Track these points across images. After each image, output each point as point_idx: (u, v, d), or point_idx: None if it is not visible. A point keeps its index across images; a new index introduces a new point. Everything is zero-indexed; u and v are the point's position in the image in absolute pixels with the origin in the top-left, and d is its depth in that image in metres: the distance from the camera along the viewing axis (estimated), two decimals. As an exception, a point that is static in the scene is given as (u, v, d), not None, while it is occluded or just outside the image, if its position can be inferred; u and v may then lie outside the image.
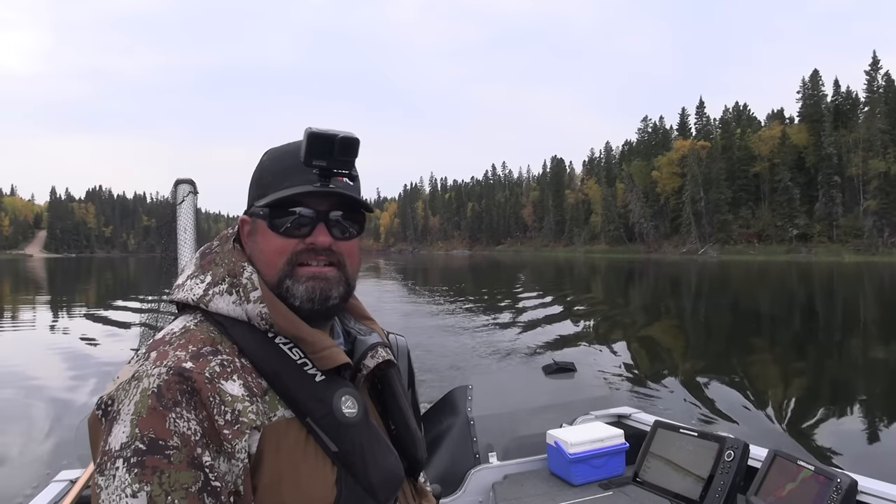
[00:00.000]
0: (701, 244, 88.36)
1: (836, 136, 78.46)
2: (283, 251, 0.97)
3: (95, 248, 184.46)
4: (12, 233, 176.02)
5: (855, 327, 17.98)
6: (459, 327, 16.09)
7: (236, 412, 0.86)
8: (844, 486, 1.81)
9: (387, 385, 1.10)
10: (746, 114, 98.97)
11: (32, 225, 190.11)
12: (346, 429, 0.94)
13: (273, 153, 1.04)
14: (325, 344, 0.97)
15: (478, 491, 3.03)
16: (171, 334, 0.95)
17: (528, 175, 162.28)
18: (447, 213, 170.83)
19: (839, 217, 75.87)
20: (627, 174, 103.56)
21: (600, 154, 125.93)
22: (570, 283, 39.04)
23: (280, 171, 1.00)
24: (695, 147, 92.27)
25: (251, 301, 0.96)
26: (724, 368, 11.26)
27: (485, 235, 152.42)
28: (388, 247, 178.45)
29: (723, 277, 46.47)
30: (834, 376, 11.05)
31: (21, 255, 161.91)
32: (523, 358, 11.43)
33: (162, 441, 0.81)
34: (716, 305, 25.78)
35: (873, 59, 79.79)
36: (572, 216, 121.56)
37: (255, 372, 0.93)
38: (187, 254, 2.45)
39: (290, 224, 0.97)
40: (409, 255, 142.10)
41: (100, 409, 0.89)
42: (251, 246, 1.02)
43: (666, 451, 2.32)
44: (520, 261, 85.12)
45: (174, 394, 0.84)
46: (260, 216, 1.00)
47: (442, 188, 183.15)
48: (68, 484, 2.53)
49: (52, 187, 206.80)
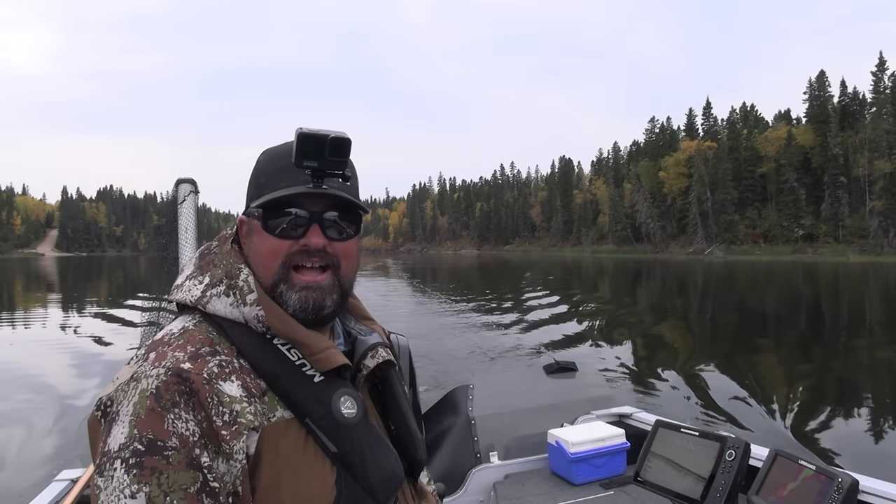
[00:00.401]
0: (707, 244, 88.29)
1: (843, 137, 78.19)
2: (277, 253, 0.96)
3: (106, 247, 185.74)
4: (24, 232, 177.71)
5: (857, 327, 17.88)
6: (461, 326, 16.08)
7: (234, 413, 0.86)
8: (846, 485, 1.80)
9: (387, 385, 1.09)
10: (754, 114, 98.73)
11: (44, 224, 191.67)
12: (346, 429, 0.94)
13: (268, 153, 1.03)
14: (323, 346, 0.96)
15: (479, 490, 3.02)
16: (170, 335, 0.94)
17: (536, 175, 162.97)
18: (456, 213, 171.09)
19: (845, 217, 75.75)
20: (635, 174, 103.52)
21: (608, 154, 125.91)
22: (574, 282, 38.92)
23: (274, 172, 0.99)
24: (701, 148, 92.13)
25: (248, 304, 0.95)
26: (725, 368, 11.21)
27: (493, 235, 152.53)
28: (396, 246, 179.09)
29: (727, 277, 46.25)
30: (835, 376, 10.97)
31: (33, 254, 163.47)
32: (524, 357, 11.42)
33: (160, 442, 0.81)
34: (719, 306, 25.63)
35: (880, 59, 79.37)
36: (580, 216, 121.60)
37: (254, 373, 0.93)
38: (188, 253, 2.44)
39: (286, 225, 0.96)
40: (418, 255, 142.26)
41: (99, 409, 0.89)
42: (248, 247, 1.02)
43: (667, 450, 2.30)
44: (527, 261, 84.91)
45: (172, 395, 0.84)
46: (255, 217, 0.99)
47: (451, 188, 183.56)
48: (69, 483, 2.52)
49: (63, 187, 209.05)
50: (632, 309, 23.06)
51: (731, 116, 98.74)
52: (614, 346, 13.36)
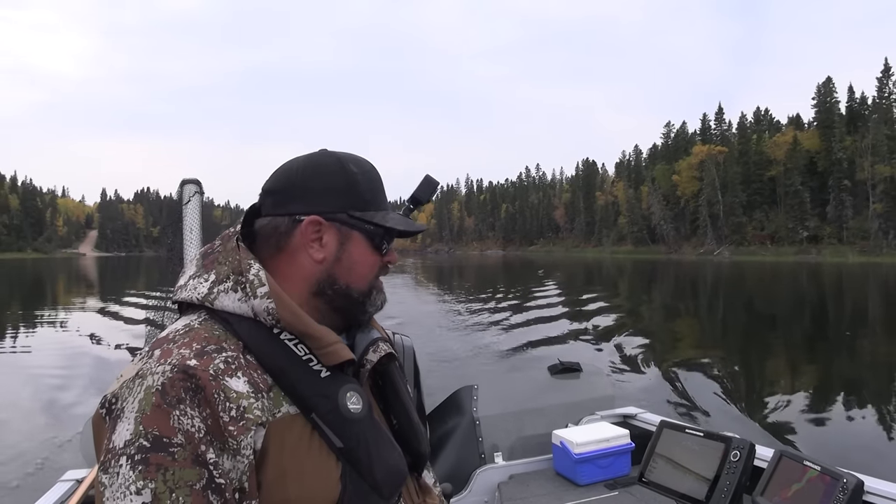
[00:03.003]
0: (717, 245, 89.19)
1: (849, 141, 78.86)
2: (375, 265, 1.04)
3: (144, 248, 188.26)
4: (66, 233, 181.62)
5: (863, 327, 17.71)
6: (467, 326, 16.09)
7: (241, 408, 0.85)
8: (850, 486, 1.73)
9: (388, 380, 1.09)
10: (768, 119, 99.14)
11: (83, 225, 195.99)
12: (351, 424, 0.92)
13: (360, 166, 1.04)
14: (331, 339, 0.95)
15: (483, 491, 2.97)
16: (175, 332, 0.92)
17: (561, 177, 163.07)
18: (482, 215, 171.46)
19: (849, 220, 76.70)
20: (650, 177, 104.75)
21: (630, 156, 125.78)
22: (587, 282, 38.91)
23: (375, 191, 1.05)
24: (712, 152, 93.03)
25: (258, 297, 0.93)
26: (730, 369, 11.15)
27: (518, 236, 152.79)
28: (424, 247, 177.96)
29: (733, 277, 46.34)
30: (842, 376, 10.81)
31: (75, 254, 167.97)
32: (529, 358, 11.37)
33: (166, 438, 0.80)
34: (725, 306, 25.60)
35: (885, 65, 79.58)
36: (602, 217, 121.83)
37: (261, 368, 0.91)
38: (193, 254, 2.42)
39: (387, 245, 1.05)
40: (445, 255, 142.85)
41: (104, 407, 0.87)
42: (333, 254, 1.01)
43: (672, 451, 2.24)
44: (550, 261, 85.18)
45: (178, 391, 0.83)
46: (355, 227, 1.02)
47: (478, 189, 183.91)
48: (74, 483, 2.49)
49: (102, 189, 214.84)
50: (636, 308, 23.03)
51: (742, 121, 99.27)
52: (618, 346, 13.22)
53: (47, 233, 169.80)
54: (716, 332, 17.70)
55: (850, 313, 21.74)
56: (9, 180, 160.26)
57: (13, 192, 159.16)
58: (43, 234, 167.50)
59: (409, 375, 2.75)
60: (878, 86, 79.97)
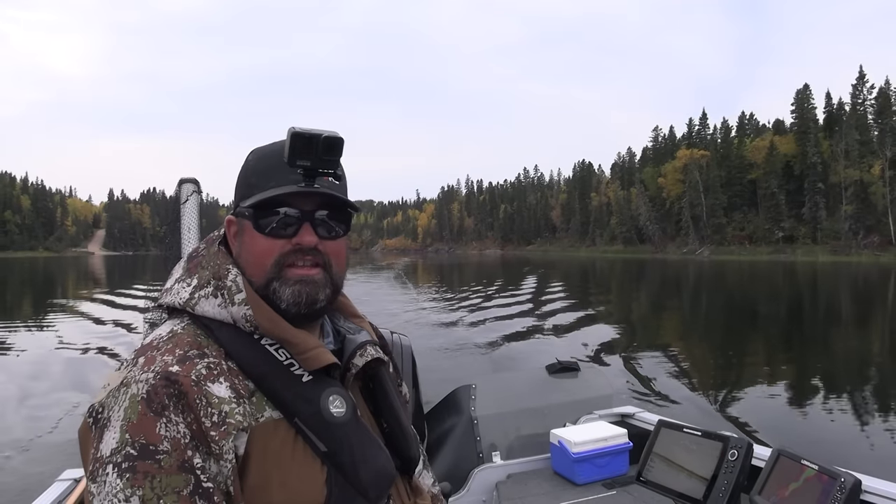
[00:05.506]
0: (698, 245, 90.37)
1: (826, 146, 80.00)
2: (270, 252, 0.93)
3: (150, 247, 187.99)
4: (75, 232, 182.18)
5: (860, 326, 17.70)
6: (464, 325, 16.01)
7: (223, 413, 0.84)
8: (848, 485, 1.70)
9: (378, 383, 1.06)
10: (752, 123, 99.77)
11: (91, 225, 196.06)
12: (335, 428, 0.90)
13: (258, 153, 0.99)
14: (311, 345, 0.92)
15: (481, 490, 2.89)
16: (159, 339, 0.91)
17: (558, 177, 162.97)
18: (481, 215, 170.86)
19: (823, 221, 77.87)
20: (639, 179, 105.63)
21: (624, 158, 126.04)
22: (578, 280, 38.95)
23: (264, 171, 0.95)
24: (695, 156, 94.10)
25: (236, 303, 0.91)
26: (727, 368, 11.11)
27: (516, 236, 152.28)
28: (425, 246, 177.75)
29: (711, 276, 46.94)
30: (839, 376, 10.69)
31: (84, 253, 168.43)
32: (527, 357, 11.26)
33: (152, 446, 0.80)
34: (705, 304, 25.69)
35: (860, 73, 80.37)
36: (596, 218, 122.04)
37: (242, 374, 0.89)
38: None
39: (276, 224, 0.92)
40: (445, 255, 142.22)
41: (91, 416, 0.86)
42: (238, 247, 0.96)
43: (669, 450, 2.19)
44: (546, 260, 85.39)
45: (162, 398, 0.82)
46: (245, 217, 0.95)
47: (477, 190, 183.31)
48: (72, 483, 2.41)
49: (109, 189, 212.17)
50: (628, 307, 23.05)
51: (726, 126, 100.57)
52: (616, 345, 13.11)
53: (58, 232, 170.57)
54: (713, 332, 17.57)
55: (848, 313, 21.72)
56: (20, 181, 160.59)
57: (24, 193, 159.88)
58: (54, 233, 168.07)
59: (407, 374, 2.67)
60: (853, 92, 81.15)
